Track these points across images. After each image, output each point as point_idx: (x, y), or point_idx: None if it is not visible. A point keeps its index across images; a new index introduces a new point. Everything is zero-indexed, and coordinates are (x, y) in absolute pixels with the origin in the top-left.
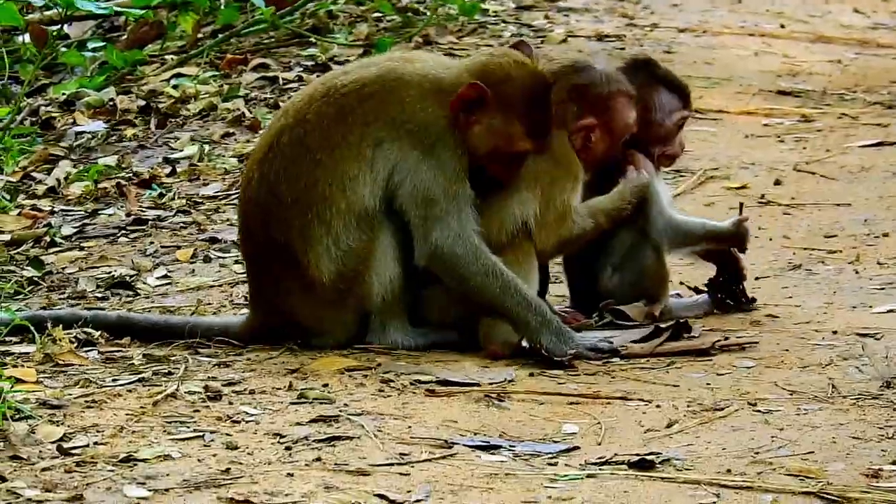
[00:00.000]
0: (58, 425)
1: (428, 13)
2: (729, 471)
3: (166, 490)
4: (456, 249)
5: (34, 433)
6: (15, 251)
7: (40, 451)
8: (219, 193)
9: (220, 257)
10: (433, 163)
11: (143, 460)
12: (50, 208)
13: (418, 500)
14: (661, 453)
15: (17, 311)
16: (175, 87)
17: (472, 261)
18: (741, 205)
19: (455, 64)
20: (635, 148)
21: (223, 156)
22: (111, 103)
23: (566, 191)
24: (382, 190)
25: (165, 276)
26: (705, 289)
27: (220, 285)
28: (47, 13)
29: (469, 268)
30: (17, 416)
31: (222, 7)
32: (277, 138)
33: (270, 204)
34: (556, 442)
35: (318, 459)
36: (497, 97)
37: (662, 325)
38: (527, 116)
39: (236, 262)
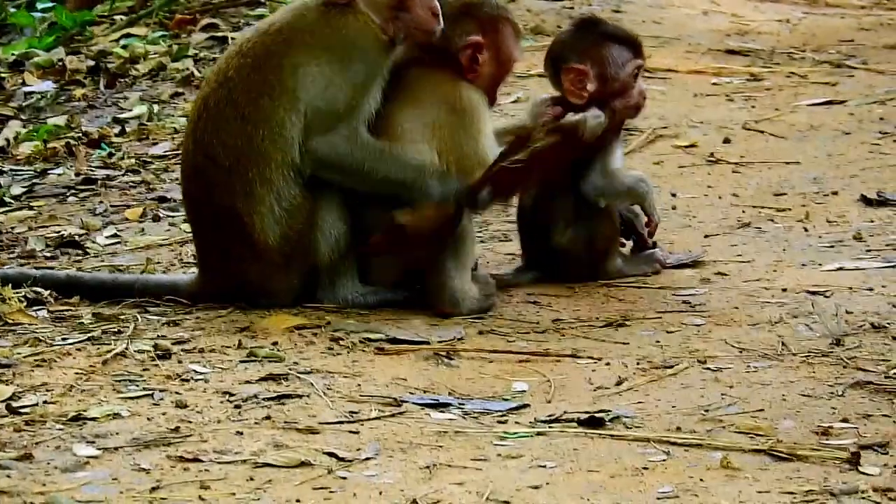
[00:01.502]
0: (7, 384)
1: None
2: (679, 428)
3: (115, 449)
4: (343, 151)
5: None
6: None
7: None
8: (168, 153)
9: (169, 216)
10: (341, 72)
11: (93, 419)
12: None
13: (367, 458)
14: (610, 411)
15: None
16: (124, 47)
17: (356, 151)
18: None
19: None
20: (597, 105)
21: (172, 116)
22: (60, 63)
23: (474, 135)
24: (310, 126)
25: (115, 236)
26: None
27: (170, 244)
28: None
29: (355, 157)
30: None
31: None
32: (204, 104)
33: (210, 171)
34: (505, 400)
35: (268, 418)
36: None
37: None
38: None
39: (185, 221)
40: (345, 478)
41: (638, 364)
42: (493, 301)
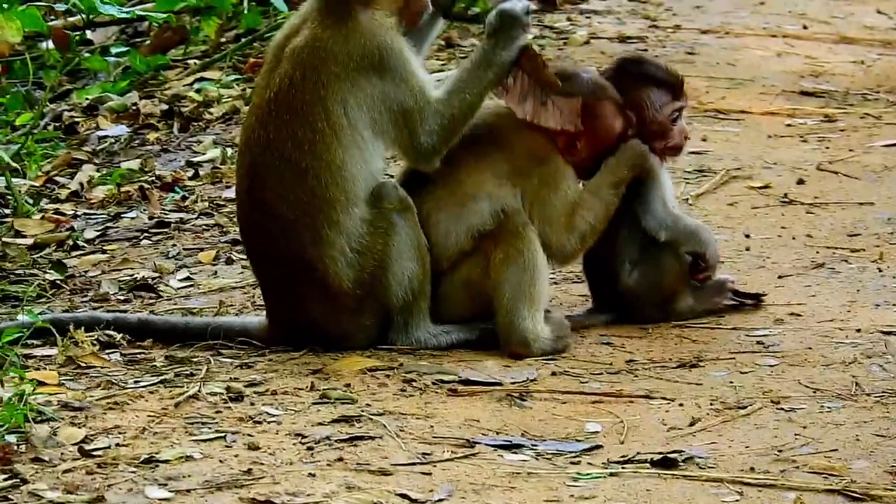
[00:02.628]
0: (79, 427)
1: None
2: (752, 469)
3: (188, 491)
4: (440, 124)
5: (56, 435)
6: (38, 255)
7: (62, 453)
8: None
9: (242, 259)
10: (390, 75)
11: (165, 461)
12: (73, 212)
13: (440, 500)
14: (683, 452)
15: (39, 314)
16: (198, 91)
17: (452, 114)
18: None
19: None
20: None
21: None
22: (134, 108)
23: (561, 189)
24: (373, 151)
25: (188, 279)
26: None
27: (243, 287)
28: (70, 19)
29: (456, 121)
30: (39, 419)
31: (245, 11)
32: (253, 169)
33: (274, 226)
34: (578, 441)
35: (340, 459)
36: None
37: None
38: None
39: None
40: None
41: (711, 405)
42: (567, 342)
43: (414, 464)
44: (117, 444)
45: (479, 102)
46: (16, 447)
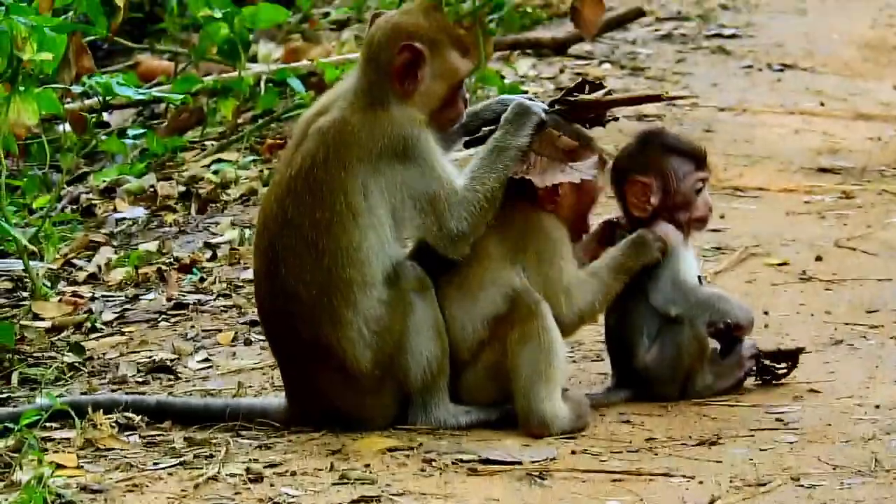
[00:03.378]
0: None
1: (468, 95)
2: None
3: None
4: (469, 211)
5: None
6: (56, 337)
7: None
8: None
9: (260, 340)
10: (413, 164)
11: None
12: (91, 294)
13: None
14: None
15: (57, 396)
16: (215, 172)
17: (478, 199)
18: None
19: (355, 73)
20: (662, 219)
21: None
22: (151, 189)
23: (556, 263)
24: (391, 236)
25: (206, 360)
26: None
27: (261, 368)
28: (87, 101)
29: (482, 207)
30: (59, 502)
31: (262, 92)
32: (271, 248)
33: (292, 308)
34: None
35: None
36: (425, 45)
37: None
38: (453, 43)
39: None
40: None
41: (731, 482)
42: (586, 421)
43: None
44: None
45: (500, 187)
46: None
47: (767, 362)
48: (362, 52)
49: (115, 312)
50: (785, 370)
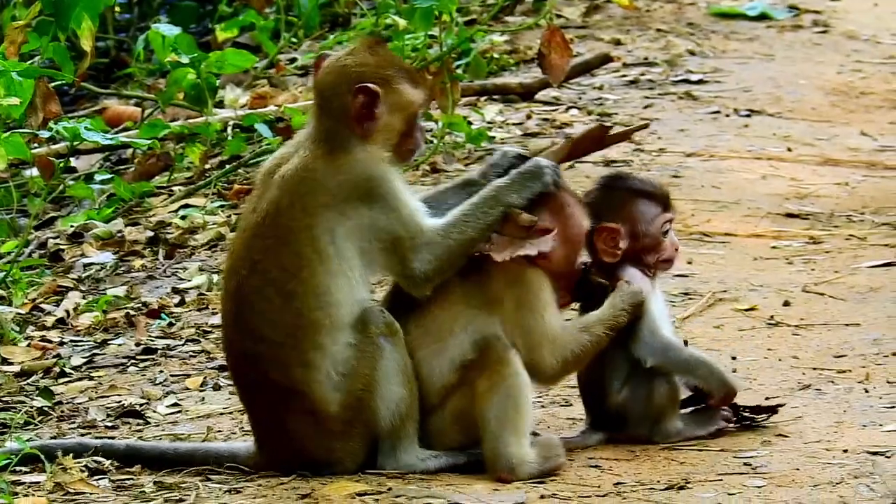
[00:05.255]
0: None
1: (434, 141)
2: None
3: None
4: (434, 254)
5: None
6: (25, 381)
7: None
8: None
9: (229, 385)
10: (379, 206)
11: None
12: (59, 339)
13: None
14: None
15: (27, 440)
16: (183, 217)
17: (448, 245)
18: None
19: (310, 121)
20: (630, 262)
21: None
22: (119, 235)
23: (537, 311)
24: (360, 279)
25: (175, 405)
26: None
27: (230, 412)
28: (54, 146)
29: (452, 252)
30: None
31: (229, 138)
32: (238, 292)
33: (261, 350)
34: None
35: None
36: (377, 84)
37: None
38: (404, 75)
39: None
40: None
41: None
42: (557, 462)
43: None
44: None
45: (480, 238)
46: None
47: (747, 414)
48: (315, 99)
49: (84, 357)
50: (764, 418)
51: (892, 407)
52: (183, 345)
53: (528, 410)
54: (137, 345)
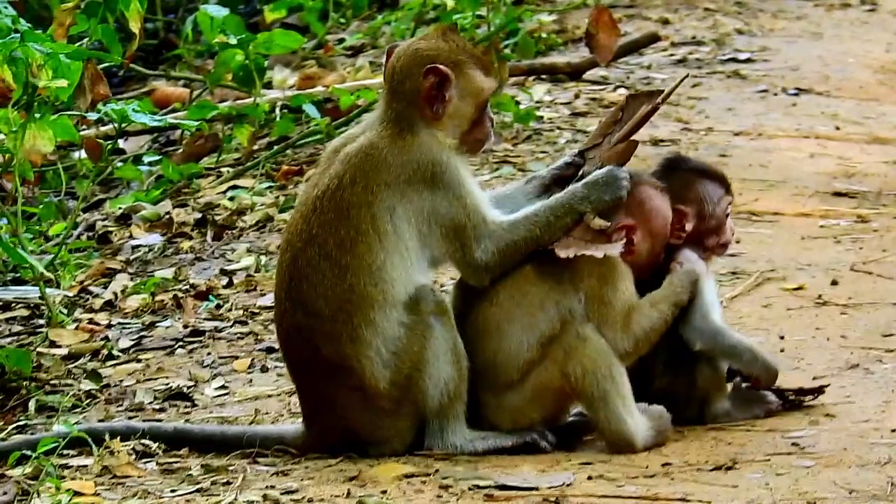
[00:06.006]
0: None
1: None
2: None
3: None
4: (498, 247)
5: None
6: (72, 365)
7: None
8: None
9: (277, 367)
10: (442, 192)
11: None
12: (107, 322)
13: None
14: None
15: (74, 424)
16: (231, 199)
17: (514, 240)
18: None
19: (380, 105)
20: (689, 245)
21: None
22: (167, 216)
23: (619, 288)
24: (416, 260)
25: (223, 387)
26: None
27: (279, 394)
28: (102, 128)
29: (516, 248)
30: None
31: (277, 119)
32: (294, 264)
33: (313, 325)
34: None
35: None
36: (448, 67)
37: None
38: (475, 62)
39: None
40: None
41: None
42: (666, 435)
43: None
44: None
45: (545, 239)
46: None
47: (792, 397)
48: (385, 83)
49: (132, 340)
50: (811, 399)
51: None
52: (231, 327)
53: (625, 380)
54: (185, 327)
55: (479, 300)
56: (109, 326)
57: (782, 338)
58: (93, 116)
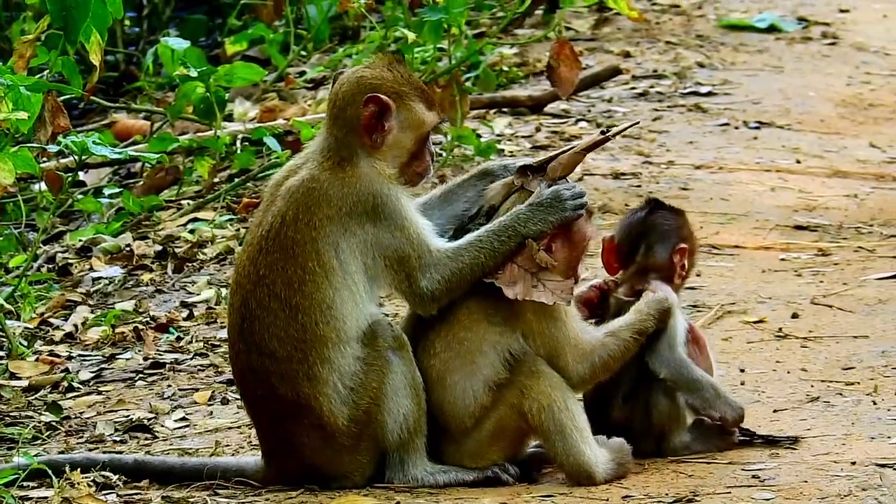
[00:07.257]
0: None
1: (444, 154)
2: None
3: None
4: (443, 275)
5: None
6: (33, 396)
7: None
8: None
9: (237, 399)
10: (384, 223)
11: None
12: (67, 354)
13: None
14: None
15: (35, 455)
16: (192, 231)
17: (459, 268)
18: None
19: (322, 132)
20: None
21: None
22: (128, 249)
23: (559, 318)
24: (365, 294)
25: (183, 419)
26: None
27: (239, 427)
28: (63, 160)
29: (462, 275)
30: None
31: (238, 151)
32: (244, 306)
33: (268, 365)
34: None
35: None
36: (390, 98)
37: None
38: (418, 95)
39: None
40: None
41: None
42: (627, 467)
43: None
44: None
45: (491, 265)
46: None
47: (761, 442)
48: (328, 109)
49: (92, 371)
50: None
51: None
52: (191, 359)
53: (581, 413)
54: (146, 359)
55: (418, 351)
56: (70, 358)
57: (743, 371)
58: (53, 148)
